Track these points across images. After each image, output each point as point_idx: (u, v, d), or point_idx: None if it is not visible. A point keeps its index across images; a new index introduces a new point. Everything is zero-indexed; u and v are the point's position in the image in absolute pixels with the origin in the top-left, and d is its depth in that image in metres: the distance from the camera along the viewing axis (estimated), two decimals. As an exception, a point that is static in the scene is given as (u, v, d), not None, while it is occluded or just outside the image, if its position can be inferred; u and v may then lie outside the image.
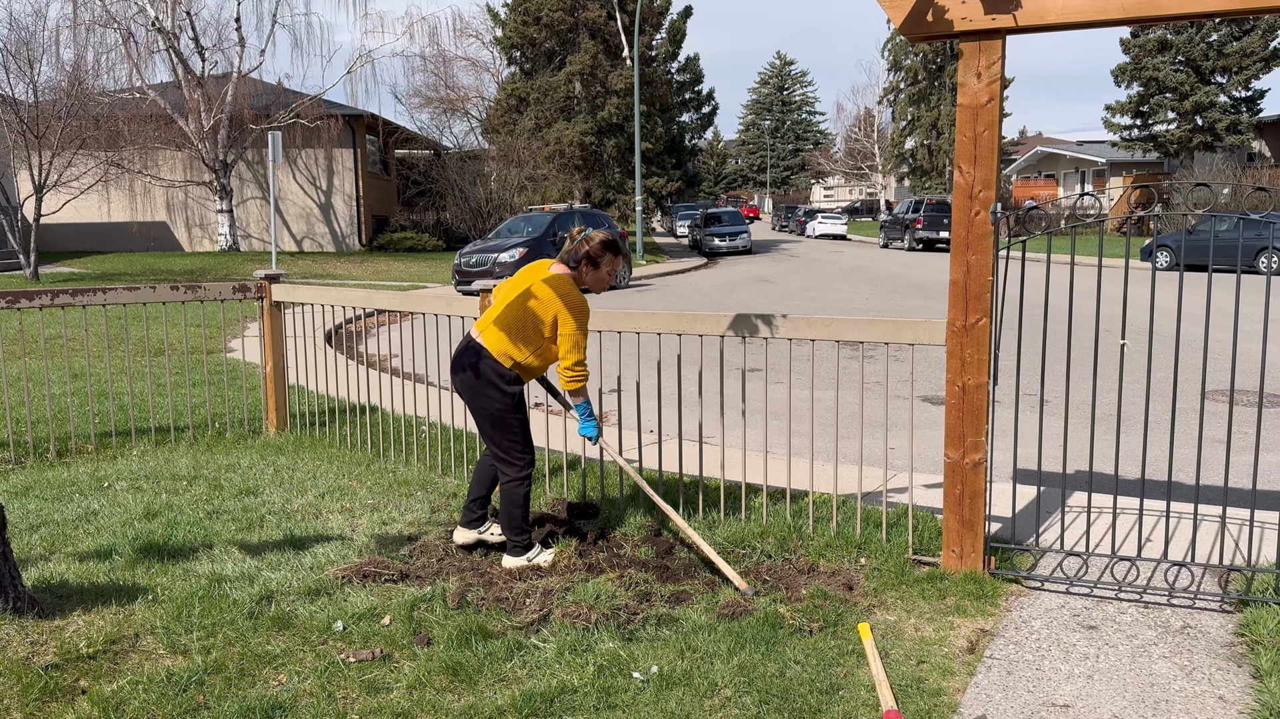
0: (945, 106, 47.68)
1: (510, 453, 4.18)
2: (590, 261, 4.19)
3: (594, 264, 4.19)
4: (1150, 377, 4.12)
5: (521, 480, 4.20)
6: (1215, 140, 37.27)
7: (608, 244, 4.20)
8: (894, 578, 4.13)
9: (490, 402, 4.11)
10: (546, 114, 34.62)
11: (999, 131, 3.98)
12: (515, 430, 4.16)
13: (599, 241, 4.19)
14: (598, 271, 4.21)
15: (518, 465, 4.19)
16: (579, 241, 4.20)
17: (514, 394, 4.13)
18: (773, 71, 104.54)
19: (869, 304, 16.78)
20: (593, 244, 4.18)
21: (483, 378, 4.11)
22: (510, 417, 4.13)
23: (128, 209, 31.51)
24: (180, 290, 6.38)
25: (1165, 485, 5.64)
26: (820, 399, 8.37)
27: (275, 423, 6.82)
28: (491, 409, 4.12)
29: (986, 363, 4.03)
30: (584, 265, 4.19)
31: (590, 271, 4.21)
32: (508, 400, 4.11)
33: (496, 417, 4.12)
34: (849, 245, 44.24)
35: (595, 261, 4.19)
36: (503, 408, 4.11)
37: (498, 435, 4.16)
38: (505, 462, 4.19)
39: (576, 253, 4.19)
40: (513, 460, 4.18)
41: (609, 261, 4.22)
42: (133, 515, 4.93)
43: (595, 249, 4.19)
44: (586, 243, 4.18)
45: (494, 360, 4.10)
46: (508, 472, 4.20)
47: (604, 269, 4.22)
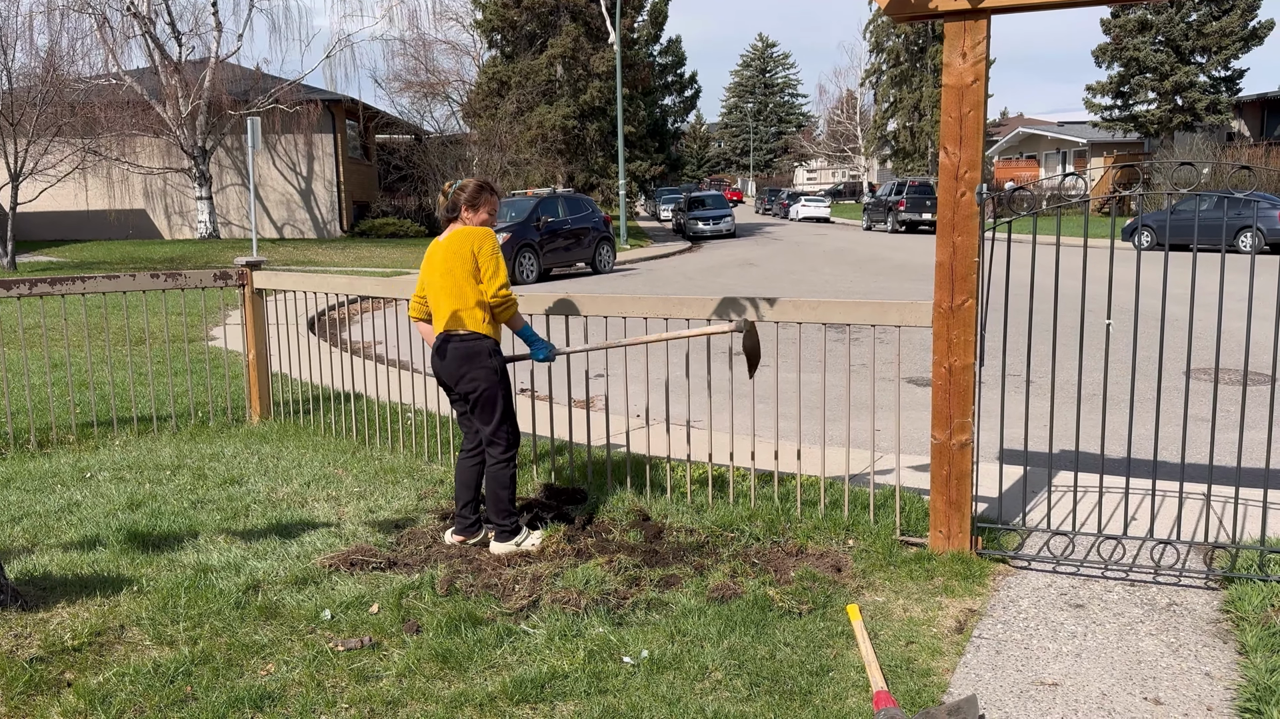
0: (927, 88, 47.67)
1: (497, 432, 4.18)
2: (470, 207, 4.20)
3: (473, 208, 4.20)
4: (1135, 356, 4.13)
5: (509, 460, 4.21)
6: (1195, 120, 37.43)
7: (481, 185, 4.23)
8: (882, 559, 4.14)
9: (476, 381, 4.12)
10: (528, 98, 34.41)
11: (984, 112, 3.96)
12: (501, 407, 4.17)
13: (473, 185, 4.21)
14: (478, 214, 4.21)
15: (503, 444, 4.19)
16: (453, 193, 4.23)
17: (495, 367, 4.14)
18: (755, 54, 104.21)
19: (854, 287, 16.79)
20: (467, 189, 4.21)
21: (468, 356, 4.11)
22: (496, 391, 4.15)
23: (105, 197, 31.16)
24: (161, 279, 6.31)
25: (1150, 464, 5.67)
26: (806, 382, 8.38)
27: (259, 411, 6.77)
28: (479, 388, 4.13)
29: (973, 344, 4.03)
30: (464, 212, 4.21)
31: (472, 216, 4.21)
32: (492, 375, 4.13)
33: (484, 394, 4.13)
34: (832, 228, 44.27)
35: (474, 204, 4.21)
36: (488, 384, 4.13)
37: (486, 415, 4.16)
38: (493, 442, 4.19)
39: (455, 204, 4.23)
40: (499, 439, 4.19)
41: (486, 201, 4.22)
42: (116, 506, 4.88)
43: (470, 193, 4.21)
44: (461, 191, 4.21)
45: (468, 335, 4.11)
46: (493, 452, 4.20)
47: (483, 210, 4.22)
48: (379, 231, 31.68)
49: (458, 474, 4.38)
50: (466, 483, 4.35)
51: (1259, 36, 36.83)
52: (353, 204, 33.60)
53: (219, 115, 29.17)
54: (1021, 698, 3.07)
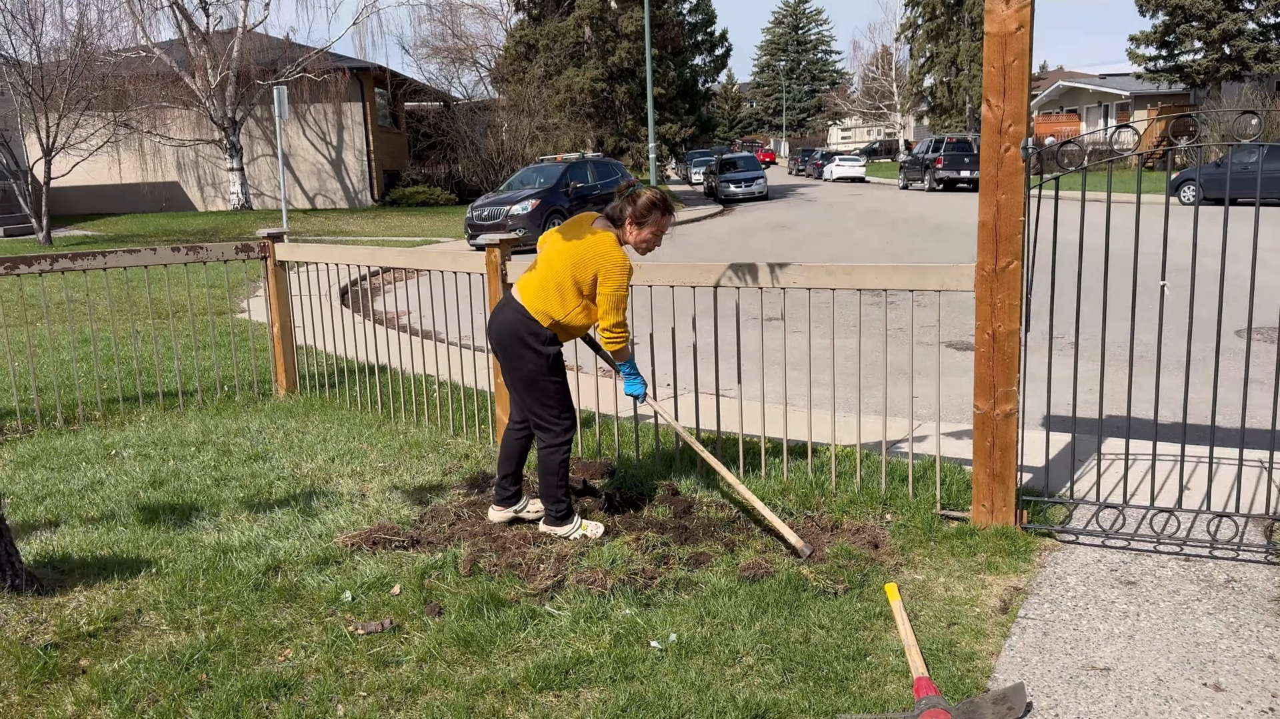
0: (965, 42, 46.58)
1: (545, 418, 3.96)
2: (636, 221, 3.91)
3: (639, 224, 3.91)
4: (1192, 315, 3.90)
5: (558, 447, 3.97)
6: (1243, 69, 36.25)
7: (655, 203, 3.91)
8: (921, 534, 3.97)
9: (524, 362, 3.90)
10: (556, 61, 34.04)
11: (1029, 61, 3.72)
12: (551, 394, 3.94)
13: (646, 200, 3.90)
14: (642, 231, 3.92)
15: (554, 430, 3.97)
16: (625, 198, 3.93)
17: (549, 355, 3.90)
18: (786, 10, 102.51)
19: (889, 248, 16.46)
20: (639, 202, 3.89)
21: (517, 337, 3.88)
22: (545, 379, 3.91)
23: (138, 170, 31.33)
24: (181, 252, 6.23)
25: (1205, 431, 5.43)
26: (840, 348, 8.16)
27: (284, 385, 6.70)
28: (525, 370, 3.91)
29: (1018, 308, 3.82)
30: (629, 224, 3.92)
31: (635, 231, 3.92)
32: (542, 362, 3.89)
33: (531, 378, 3.91)
34: (867, 188, 43.59)
35: (641, 221, 3.91)
36: (536, 369, 3.89)
37: (531, 399, 3.95)
38: (541, 427, 3.99)
39: (621, 211, 3.92)
40: (548, 425, 3.97)
41: (655, 221, 3.92)
42: (139, 484, 4.83)
43: (642, 208, 3.89)
44: (632, 201, 3.90)
45: (531, 319, 3.87)
46: (544, 437, 3.99)
47: (649, 229, 3.92)
48: (410, 200, 31.60)
49: (502, 445, 4.22)
50: (509, 454, 4.17)
51: (1311, -20, 35.48)
52: (383, 173, 33.53)
53: (248, 86, 29.14)
54: (1071, 684, 2.91)
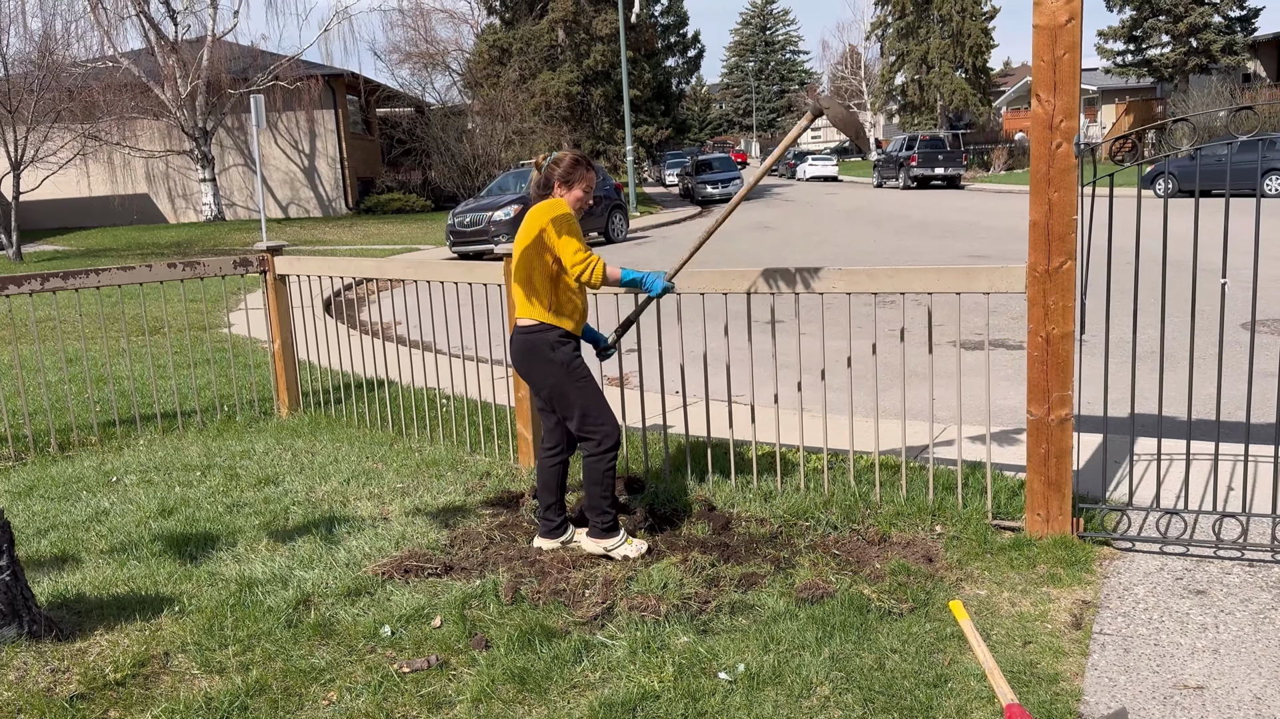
0: (935, 40, 46.77)
1: (585, 425, 3.81)
2: (564, 181, 3.82)
3: (567, 183, 3.83)
4: (1255, 311, 3.80)
5: (604, 454, 3.82)
6: (1210, 62, 36.62)
7: (577, 160, 3.85)
8: (976, 546, 3.83)
9: (545, 375, 3.78)
10: (530, 64, 33.82)
11: (1080, 54, 3.60)
12: (584, 399, 3.79)
13: (569, 160, 3.84)
14: (573, 192, 3.84)
15: (595, 438, 3.81)
16: (547, 166, 3.86)
17: (564, 359, 3.77)
18: (754, 11, 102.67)
19: (877, 246, 16.39)
20: (562, 164, 3.82)
21: (530, 352, 3.78)
22: (568, 385, 3.78)
23: (108, 182, 30.79)
24: (178, 268, 5.99)
25: (1240, 428, 5.34)
26: (843, 349, 8.02)
27: (287, 403, 6.48)
28: (549, 383, 3.79)
29: (1073, 310, 3.70)
30: (558, 188, 3.83)
31: (565, 192, 3.83)
32: (559, 367, 3.76)
33: (558, 389, 3.79)
34: (842, 186, 43.69)
35: (569, 180, 3.83)
36: (558, 378, 3.77)
37: (567, 410, 3.81)
38: (582, 436, 3.84)
39: (548, 178, 3.84)
40: (589, 433, 3.82)
41: (582, 177, 3.83)
42: (147, 513, 4.60)
43: (566, 168, 3.81)
44: (556, 165, 3.83)
45: (532, 331, 3.77)
46: (586, 446, 3.84)
47: (579, 187, 3.84)
48: (385, 208, 31.25)
49: (538, 474, 4.04)
50: (548, 485, 4.00)
51: (1275, -27, 35.92)
52: (357, 180, 33.15)
53: (219, 95, 28.71)
54: (1166, 705, 2.78)
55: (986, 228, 18.72)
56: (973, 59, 47.11)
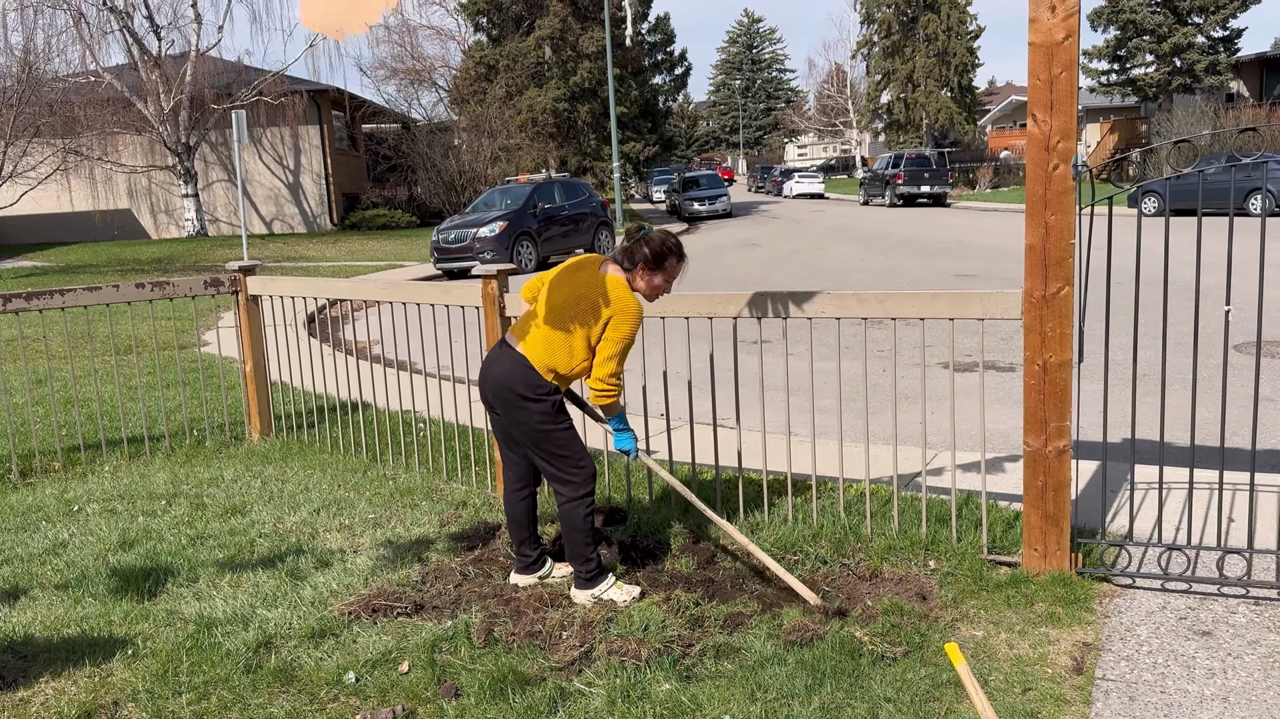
0: (920, 58, 47.02)
1: (563, 469, 3.60)
2: (650, 265, 3.53)
3: (653, 268, 3.54)
4: (1261, 334, 3.67)
5: (580, 500, 3.60)
6: (1194, 82, 36.83)
7: (672, 248, 3.56)
8: (971, 583, 3.68)
9: (528, 416, 3.55)
10: (517, 81, 33.76)
11: (1077, 73, 3.48)
12: (563, 443, 3.58)
13: (661, 242, 3.54)
14: (655, 278, 3.57)
15: (574, 483, 3.60)
16: (637, 241, 3.56)
17: (552, 403, 3.57)
18: (741, 30, 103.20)
19: (865, 264, 16.31)
20: (654, 244, 3.52)
21: (517, 390, 3.53)
22: (554, 428, 3.57)
23: (89, 198, 30.49)
24: (147, 288, 5.81)
25: (1239, 455, 5.21)
26: (830, 371, 7.88)
27: (259, 427, 6.28)
28: (531, 424, 3.56)
29: (1070, 337, 3.56)
30: (641, 269, 3.54)
31: (647, 276, 3.55)
32: (547, 410, 3.55)
33: (537, 431, 3.57)
34: (828, 204, 43.74)
35: (657, 265, 3.54)
36: (543, 420, 3.55)
37: (543, 454, 3.60)
38: (558, 479, 3.62)
39: (633, 254, 3.54)
40: (567, 477, 3.60)
41: (672, 267, 3.56)
42: (107, 546, 4.40)
43: (657, 252, 3.52)
44: (647, 244, 3.52)
45: (533, 371, 3.53)
46: (563, 491, 3.62)
47: (664, 275, 3.56)
48: (370, 223, 31.06)
49: (506, 510, 3.86)
50: (518, 521, 3.82)
51: (1257, -6, 36.21)
52: (342, 196, 32.97)
53: (202, 110, 28.51)
54: (1176, 761, 2.62)
55: (973, 246, 18.68)
56: (958, 78, 47.38)
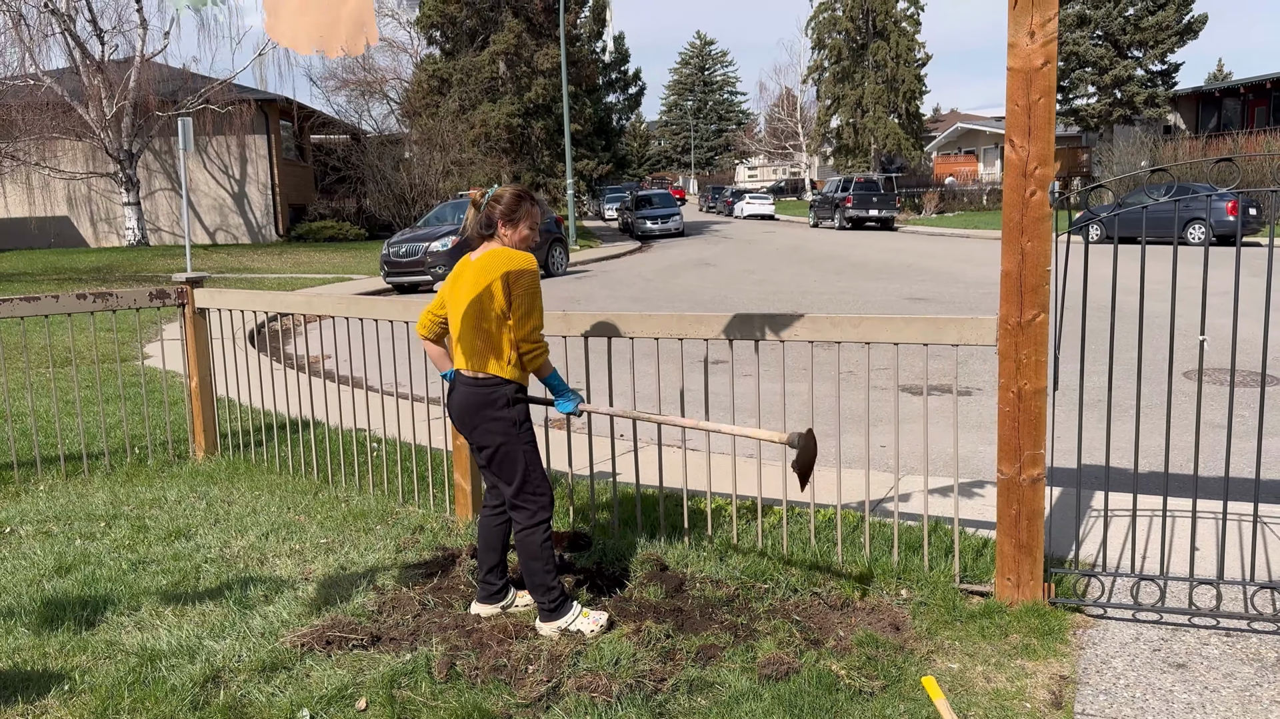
0: (869, 85, 47.67)
1: (521, 492, 3.48)
2: (508, 219, 3.49)
3: (512, 221, 3.50)
4: (1234, 363, 3.68)
5: (537, 526, 3.49)
6: (1134, 113, 37.88)
7: (520, 195, 3.52)
8: (944, 613, 3.62)
9: (490, 435, 3.44)
10: (470, 95, 33.54)
11: (1054, 99, 3.46)
12: (522, 464, 3.47)
13: (510, 195, 3.49)
14: (518, 229, 3.52)
15: (530, 509, 3.49)
16: (487, 203, 3.51)
17: (516, 417, 3.45)
18: (693, 51, 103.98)
19: (820, 286, 16.38)
20: (504, 200, 3.48)
21: (477, 408, 3.44)
22: (514, 446, 3.45)
23: (25, 204, 29.63)
24: (88, 299, 5.56)
25: (1200, 483, 5.24)
26: (795, 393, 7.86)
27: (203, 445, 6.05)
28: (493, 442, 3.45)
29: (1045, 365, 3.53)
30: (501, 228, 3.49)
31: (511, 232, 3.50)
32: (509, 428, 3.44)
33: (498, 450, 3.45)
34: (779, 225, 44.10)
35: (512, 218, 3.50)
36: (504, 437, 3.44)
37: (503, 473, 3.48)
38: (516, 506, 3.50)
39: (489, 218, 3.49)
40: (524, 503, 3.49)
41: (527, 214, 3.52)
42: (41, 571, 4.16)
43: (509, 204, 3.48)
44: (496, 202, 3.49)
45: (482, 385, 3.44)
46: (519, 517, 3.50)
47: (525, 224, 3.52)
48: (317, 235, 30.57)
49: (479, 533, 3.71)
50: (490, 544, 3.68)
51: (1193, 30, 37.41)
52: (289, 207, 32.44)
53: (146, 117, 27.88)
54: (1163, 800, 2.56)
55: (923, 269, 18.88)
56: (906, 104, 48.09)
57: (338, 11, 2.65)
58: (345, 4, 2.66)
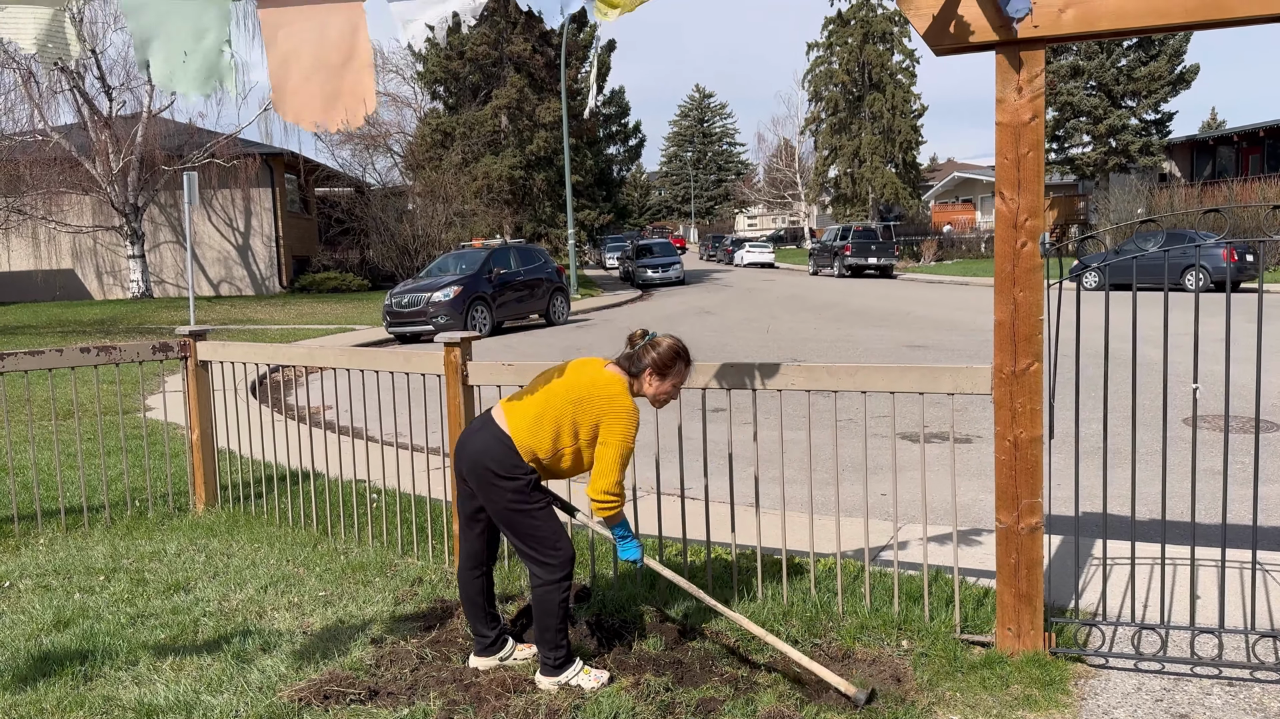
0: (866, 135, 48.27)
1: (538, 550, 3.43)
2: (658, 371, 3.44)
3: (661, 374, 3.45)
4: (1228, 409, 3.70)
5: (556, 584, 3.43)
6: (1129, 162, 38.27)
7: (679, 352, 3.47)
8: (945, 664, 3.60)
9: (501, 494, 3.40)
10: (473, 148, 33.98)
11: (1043, 152, 3.53)
12: (539, 524, 3.43)
13: (669, 348, 3.44)
14: (664, 383, 3.47)
15: (549, 565, 3.43)
16: (643, 346, 3.47)
17: (526, 483, 3.41)
18: (692, 104, 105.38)
19: (820, 334, 16.44)
20: (661, 350, 3.44)
21: (494, 467, 3.39)
22: (529, 507, 3.41)
23: (30, 257, 29.90)
24: (92, 353, 5.61)
25: (1199, 530, 5.23)
26: (795, 440, 7.87)
27: (203, 498, 6.05)
28: (504, 502, 3.41)
29: (1040, 412, 3.55)
30: (649, 374, 3.45)
31: (655, 382, 3.46)
32: (522, 487, 3.39)
33: (512, 511, 3.41)
34: (778, 273, 44.35)
35: (663, 371, 3.45)
36: (517, 498, 3.39)
37: (518, 535, 3.44)
38: (533, 561, 3.45)
39: (640, 358, 3.45)
40: (543, 559, 3.43)
41: (679, 372, 3.48)
42: (40, 626, 4.16)
43: (665, 357, 3.43)
44: (653, 348, 3.44)
45: (513, 451, 3.39)
46: (539, 573, 3.45)
47: (671, 381, 3.47)
48: (320, 286, 30.77)
49: (461, 591, 3.69)
50: (473, 600, 3.65)
51: (1185, 80, 37.93)
52: (292, 259, 32.69)
53: (152, 171, 28.23)
54: None
55: (922, 317, 18.97)
56: (902, 154, 48.66)
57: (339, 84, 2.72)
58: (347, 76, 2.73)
